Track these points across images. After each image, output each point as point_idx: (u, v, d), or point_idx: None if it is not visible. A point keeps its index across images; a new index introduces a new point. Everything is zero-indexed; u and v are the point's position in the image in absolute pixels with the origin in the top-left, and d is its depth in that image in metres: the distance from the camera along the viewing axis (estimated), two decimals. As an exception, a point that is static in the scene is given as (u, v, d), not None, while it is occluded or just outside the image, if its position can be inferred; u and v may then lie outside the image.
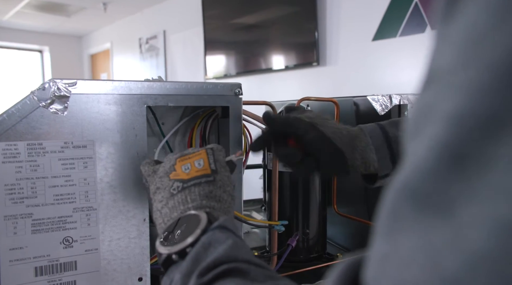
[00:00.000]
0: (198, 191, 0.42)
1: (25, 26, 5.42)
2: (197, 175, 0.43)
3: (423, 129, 0.17)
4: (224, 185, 0.44)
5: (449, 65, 0.17)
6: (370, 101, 0.74)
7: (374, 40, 2.23)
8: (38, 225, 0.48)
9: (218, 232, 0.36)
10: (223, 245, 0.34)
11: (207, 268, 0.32)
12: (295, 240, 0.67)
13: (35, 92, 0.47)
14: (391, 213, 0.18)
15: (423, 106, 0.18)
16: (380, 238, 0.19)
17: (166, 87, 0.54)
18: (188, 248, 0.36)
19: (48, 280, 0.49)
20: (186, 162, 0.44)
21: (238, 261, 0.33)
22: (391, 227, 0.18)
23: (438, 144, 0.16)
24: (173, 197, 0.42)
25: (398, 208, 0.18)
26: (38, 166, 0.47)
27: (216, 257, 0.33)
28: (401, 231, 0.17)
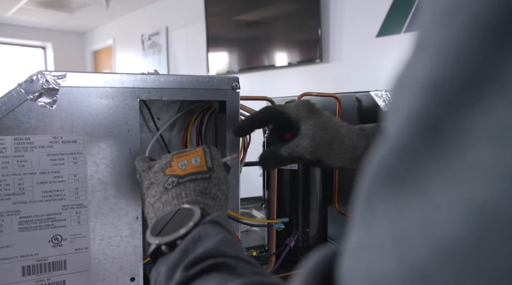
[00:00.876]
0: (193, 187, 0.41)
1: (28, 22, 5.42)
2: (193, 172, 0.42)
3: (398, 103, 0.16)
4: (219, 183, 0.43)
5: (427, 28, 0.15)
6: (373, 97, 0.72)
7: (378, 37, 2.20)
8: (26, 222, 0.46)
9: (210, 226, 0.35)
10: (212, 239, 0.33)
11: (194, 261, 0.31)
12: (293, 240, 0.65)
13: (22, 85, 0.45)
14: (367, 197, 0.16)
15: (399, 78, 0.16)
16: (356, 225, 0.17)
17: (160, 81, 0.52)
18: (178, 240, 0.35)
19: (36, 280, 0.47)
20: (183, 158, 0.44)
21: (226, 256, 0.32)
22: (367, 213, 0.16)
23: (412, 117, 0.14)
24: (167, 192, 0.41)
25: (374, 191, 0.16)
26: (26, 162, 0.46)
27: (204, 250, 0.32)
28: (375, 218, 0.16)
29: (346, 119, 0.77)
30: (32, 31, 5.72)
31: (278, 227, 0.61)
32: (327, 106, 0.83)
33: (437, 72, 0.14)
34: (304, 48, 2.64)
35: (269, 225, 0.62)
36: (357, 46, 2.33)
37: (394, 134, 0.15)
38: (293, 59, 2.73)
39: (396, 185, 0.15)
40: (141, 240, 0.52)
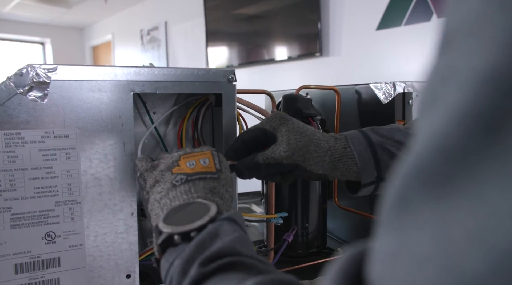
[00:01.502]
0: (203, 184, 0.41)
1: (26, 18, 5.39)
2: (202, 171, 0.42)
3: (440, 98, 0.14)
4: (226, 184, 0.43)
5: (476, 17, 0.13)
6: (373, 89, 0.70)
7: (378, 30, 2.18)
8: (18, 219, 0.45)
9: (227, 224, 0.35)
10: (229, 237, 0.33)
11: (210, 258, 0.31)
12: (291, 235, 0.64)
13: (11, 78, 0.44)
14: (401, 201, 0.15)
15: (440, 70, 0.15)
16: (387, 231, 0.16)
17: (154, 73, 0.51)
18: (193, 232, 0.34)
19: (30, 277, 0.46)
20: (191, 159, 0.44)
21: (242, 255, 0.32)
22: (401, 219, 0.15)
23: (463, 113, 0.13)
24: (175, 188, 0.41)
25: (409, 195, 0.15)
26: (17, 157, 0.45)
27: (221, 247, 0.32)
28: (413, 223, 0.14)
29: (346, 111, 0.76)
30: (31, 26, 5.69)
31: (277, 222, 0.61)
32: (326, 99, 0.81)
33: (497, 63, 0.12)
34: (303, 42, 2.61)
35: (268, 220, 0.61)
36: (357, 40, 2.31)
37: (436, 132, 0.14)
38: (293, 53, 2.71)
39: (441, 188, 0.14)
40: (136, 237, 0.51)
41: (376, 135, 0.50)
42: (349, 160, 0.49)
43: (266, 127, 0.51)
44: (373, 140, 0.50)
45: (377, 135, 0.51)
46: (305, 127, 0.51)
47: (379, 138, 0.50)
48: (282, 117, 0.51)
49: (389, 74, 2.14)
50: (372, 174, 0.49)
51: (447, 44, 0.15)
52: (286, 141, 0.49)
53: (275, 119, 0.51)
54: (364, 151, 0.49)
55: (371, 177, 0.50)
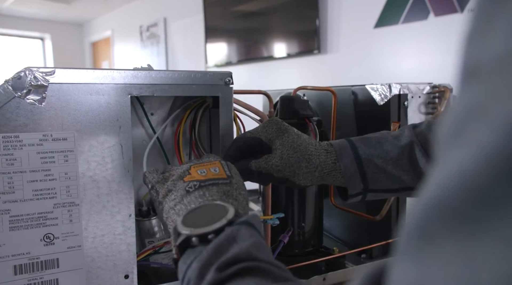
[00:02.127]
0: (217, 189, 0.42)
1: (25, 13, 5.37)
2: (214, 177, 0.43)
3: (468, 133, 0.14)
4: (239, 188, 0.44)
5: (504, 52, 0.13)
6: (369, 91, 0.71)
7: (376, 27, 2.18)
8: (17, 221, 0.46)
9: (244, 228, 0.34)
10: (246, 242, 0.33)
11: (227, 263, 0.31)
12: (287, 236, 0.65)
13: (9, 81, 0.44)
14: (422, 232, 0.15)
15: (467, 104, 0.15)
16: (407, 260, 0.16)
17: (151, 76, 0.51)
18: (211, 234, 0.34)
19: (29, 278, 0.47)
20: (202, 167, 0.45)
21: (258, 260, 0.32)
22: (423, 250, 0.15)
23: (494, 155, 0.13)
24: (189, 194, 0.41)
25: (432, 228, 0.15)
26: (15, 160, 0.45)
27: (238, 253, 0.32)
28: (436, 257, 0.14)
29: (342, 112, 0.76)
30: (30, 22, 5.68)
31: (273, 223, 0.61)
32: (323, 99, 0.82)
33: None
34: (302, 39, 2.61)
35: (264, 221, 0.62)
36: (355, 37, 2.31)
37: (464, 170, 0.14)
38: (292, 50, 2.71)
39: (468, 227, 0.13)
40: (134, 238, 0.52)
41: (365, 147, 0.52)
42: (337, 174, 0.51)
43: (262, 137, 0.52)
44: (360, 153, 0.51)
45: (365, 146, 0.52)
46: (300, 140, 0.52)
47: (367, 150, 0.51)
48: (279, 129, 0.52)
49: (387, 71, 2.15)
50: (359, 186, 0.51)
51: (473, 76, 0.15)
52: (279, 155, 0.51)
53: (272, 129, 0.52)
54: (350, 164, 0.51)
55: (357, 189, 0.52)
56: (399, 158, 0.51)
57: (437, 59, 1.92)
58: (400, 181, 0.51)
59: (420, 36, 1.97)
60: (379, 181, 0.51)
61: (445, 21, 1.87)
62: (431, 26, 1.93)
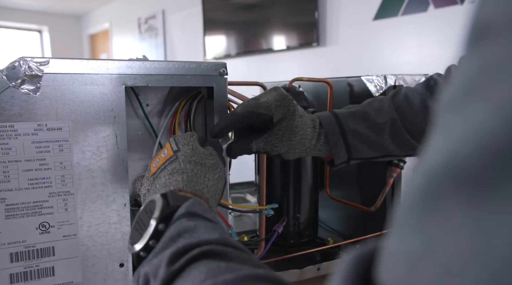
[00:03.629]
0: (164, 174, 0.42)
1: (23, 5, 5.33)
2: (162, 162, 0.44)
3: (485, 93, 0.13)
4: (187, 157, 0.43)
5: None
6: (365, 82, 0.71)
7: (375, 20, 2.17)
8: (12, 210, 0.46)
9: (185, 220, 0.33)
10: (193, 234, 0.32)
11: (178, 253, 0.30)
12: (281, 226, 0.65)
13: (3, 71, 0.45)
14: (425, 202, 0.14)
15: (479, 65, 0.14)
16: (407, 232, 0.15)
17: (146, 67, 0.52)
18: (150, 241, 0.34)
19: (25, 266, 0.47)
20: (155, 158, 0.46)
21: (211, 243, 0.30)
22: (426, 221, 0.14)
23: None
24: (149, 192, 0.43)
25: (437, 197, 0.14)
26: (10, 149, 0.45)
27: (187, 242, 0.31)
28: (442, 227, 0.13)
29: (338, 103, 0.77)
30: (28, 14, 5.64)
31: (268, 213, 0.62)
32: (319, 91, 0.82)
33: None
34: (300, 32, 2.60)
35: (259, 211, 0.63)
36: (354, 30, 2.30)
37: (483, 132, 0.13)
38: (291, 43, 2.70)
39: (482, 192, 0.12)
40: (129, 227, 0.52)
41: (350, 122, 0.55)
42: (322, 150, 0.56)
43: (274, 116, 0.51)
44: (346, 129, 0.55)
45: (350, 122, 0.56)
46: (301, 123, 0.53)
47: (352, 126, 0.55)
48: (289, 110, 0.53)
49: (386, 64, 2.14)
50: (343, 157, 0.56)
51: (483, 36, 0.14)
52: (280, 137, 0.53)
53: (284, 109, 0.52)
54: (337, 141, 0.55)
55: (342, 159, 0.56)
56: (381, 132, 0.56)
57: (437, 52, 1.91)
58: (381, 149, 0.57)
59: (420, 29, 1.96)
60: (361, 151, 0.56)
61: (445, 13, 1.87)
62: (431, 18, 1.92)
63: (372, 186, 0.73)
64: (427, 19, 1.93)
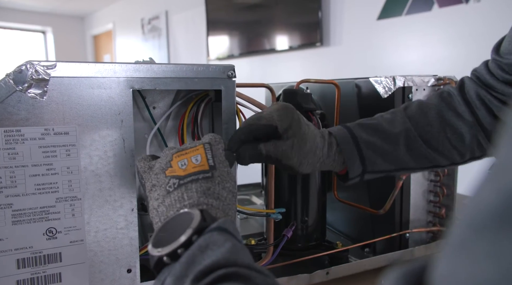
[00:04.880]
0: (196, 188, 0.39)
1: (27, 6, 5.35)
2: (194, 171, 0.40)
3: None
4: (223, 181, 0.41)
5: None
6: (373, 83, 0.70)
7: (379, 19, 2.16)
8: (19, 215, 0.46)
9: (217, 234, 0.33)
10: (221, 248, 0.31)
11: (204, 272, 0.30)
12: (291, 230, 0.65)
13: (10, 75, 0.44)
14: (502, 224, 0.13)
15: None
16: (479, 257, 0.14)
17: (153, 70, 0.51)
18: (179, 249, 0.33)
19: (32, 272, 0.47)
20: (183, 157, 0.42)
21: (237, 265, 0.30)
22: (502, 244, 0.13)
23: None
24: (170, 195, 0.40)
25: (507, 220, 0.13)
26: (17, 154, 0.45)
27: (214, 260, 0.30)
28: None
29: (346, 105, 0.76)
30: (32, 15, 5.66)
31: (276, 217, 0.61)
32: (326, 92, 0.81)
33: None
34: (304, 32, 2.60)
35: (267, 215, 0.62)
36: (358, 29, 2.29)
37: None
38: (294, 43, 2.69)
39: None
40: (136, 232, 0.52)
41: (363, 134, 0.54)
42: (336, 163, 0.54)
43: (278, 126, 0.50)
44: (360, 142, 0.54)
45: (364, 134, 0.54)
46: (309, 131, 0.52)
47: (366, 138, 0.54)
48: (293, 118, 0.51)
49: (390, 64, 2.13)
50: (358, 170, 0.54)
51: None
52: (290, 144, 0.50)
53: (287, 118, 0.50)
54: (351, 153, 0.53)
55: (356, 172, 0.55)
56: (395, 143, 0.55)
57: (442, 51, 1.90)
58: (396, 162, 0.55)
59: (424, 28, 1.95)
60: (376, 164, 0.55)
61: (449, 12, 1.85)
62: (435, 18, 1.91)
63: (380, 189, 0.72)
64: (431, 18, 1.92)
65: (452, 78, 0.71)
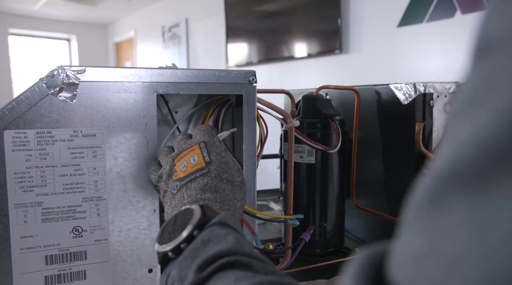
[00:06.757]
0: (194, 186, 0.42)
1: (54, 15, 5.55)
2: (192, 171, 0.43)
3: (484, 102, 0.14)
4: (220, 173, 0.43)
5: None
6: (393, 90, 0.70)
7: (399, 27, 2.15)
8: (48, 214, 0.47)
9: (218, 228, 0.35)
10: (223, 241, 0.33)
11: (207, 261, 0.31)
12: (309, 234, 0.65)
13: (43, 79, 0.46)
14: (432, 202, 0.15)
15: (481, 75, 0.15)
16: (415, 231, 0.16)
17: (177, 75, 0.52)
18: (182, 243, 0.35)
19: (59, 269, 0.48)
20: (182, 160, 0.45)
21: (238, 254, 0.32)
22: (432, 220, 0.15)
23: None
24: (174, 197, 0.43)
25: (443, 196, 0.15)
26: (48, 155, 0.47)
27: (216, 251, 0.32)
28: (446, 224, 0.14)
29: (365, 112, 0.76)
30: (58, 23, 5.85)
31: (293, 223, 0.61)
32: (346, 99, 0.82)
33: None
34: (323, 39, 2.60)
35: (285, 221, 0.62)
36: (378, 37, 2.28)
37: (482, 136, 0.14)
38: (313, 50, 2.70)
39: (482, 191, 0.14)
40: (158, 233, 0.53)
41: None
42: None
43: None
44: None
45: None
46: None
47: None
48: None
49: (411, 72, 2.11)
50: None
51: (487, 50, 0.16)
52: None
53: None
54: None
55: None
56: None
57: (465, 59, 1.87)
58: None
59: (446, 35, 1.92)
60: None
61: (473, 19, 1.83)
62: (458, 25, 1.88)
63: (400, 195, 0.72)
64: (454, 25, 1.90)
65: (474, 85, 0.70)
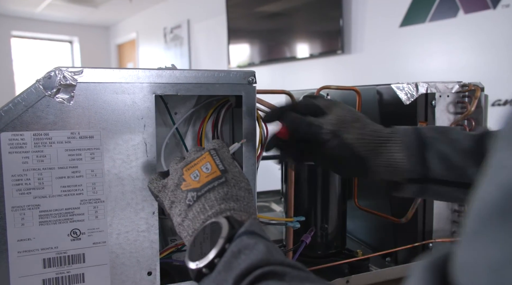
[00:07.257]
0: (214, 196, 0.41)
1: (56, 17, 5.57)
2: (208, 180, 0.42)
3: None
4: (237, 182, 0.42)
5: None
6: (395, 90, 0.69)
7: (401, 26, 2.14)
8: (46, 216, 0.47)
9: (246, 238, 0.35)
10: (253, 250, 0.33)
11: (242, 275, 0.31)
12: (309, 236, 0.64)
13: (40, 81, 0.46)
14: (503, 214, 0.16)
15: None
16: (487, 242, 0.16)
17: (175, 76, 0.52)
18: (216, 259, 0.35)
19: (57, 272, 0.48)
20: (193, 169, 0.43)
21: (271, 264, 0.32)
22: (506, 231, 0.15)
23: None
24: (191, 208, 0.41)
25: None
26: (45, 157, 0.46)
27: (249, 263, 0.32)
28: None
29: (367, 112, 0.75)
30: (60, 26, 5.88)
31: (294, 226, 0.61)
32: (347, 99, 0.81)
33: None
34: (325, 39, 2.59)
35: (285, 223, 0.62)
36: (380, 37, 2.27)
37: None
38: (314, 51, 2.69)
39: None
40: (157, 235, 0.52)
41: (428, 130, 0.49)
42: (394, 146, 0.48)
43: (320, 104, 0.52)
44: (423, 135, 0.48)
45: (429, 130, 0.49)
46: (356, 111, 0.54)
47: (430, 134, 0.48)
48: (335, 101, 0.54)
49: (413, 72, 2.10)
50: (416, 169, 0.47)
51: None
52: (335, 113, 0.51)
53: (327, 101, 0.53)
54: (411, 143, 0.48)
55: (416, 173, 0.47)
56: (470, 149, 0.46)
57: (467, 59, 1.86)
58: (465, 175, 0.45)
59: (449, 35, 1.91)
60: (439, 171, 0.46)
61: (476, 19, 1.82)
62: (460, 24, 1.87)
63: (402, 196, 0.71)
64: (456, 25, 1.89)
65: (477, 84, 0.69)
